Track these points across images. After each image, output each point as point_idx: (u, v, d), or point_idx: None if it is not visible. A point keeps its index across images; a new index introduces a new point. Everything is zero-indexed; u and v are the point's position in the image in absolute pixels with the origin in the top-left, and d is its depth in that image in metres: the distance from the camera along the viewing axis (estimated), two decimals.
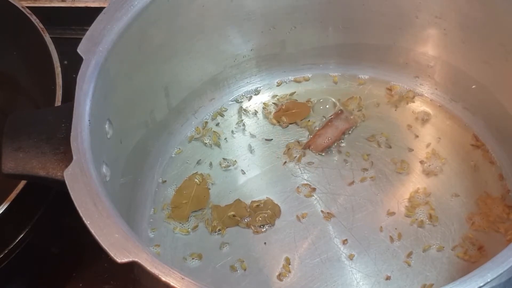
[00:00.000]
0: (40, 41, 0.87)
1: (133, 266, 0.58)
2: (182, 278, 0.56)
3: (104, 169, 0.71)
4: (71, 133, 0.66)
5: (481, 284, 0.55)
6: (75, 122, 0.67)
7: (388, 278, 0.77)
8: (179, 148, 0.90)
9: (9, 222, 0.76)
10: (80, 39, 0.72)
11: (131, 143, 0.82)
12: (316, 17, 0.89)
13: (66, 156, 0.67)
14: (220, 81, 0.93)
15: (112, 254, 0.58)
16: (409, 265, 0.78)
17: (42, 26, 0.88)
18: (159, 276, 0.56)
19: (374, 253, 0.79)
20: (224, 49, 0.90)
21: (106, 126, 0.74)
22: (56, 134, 0.70)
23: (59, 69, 0.85)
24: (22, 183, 0.76)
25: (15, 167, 0.69)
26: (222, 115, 0.93)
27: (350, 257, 0.79)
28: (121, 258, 0.58)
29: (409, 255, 0.79)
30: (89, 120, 0.68)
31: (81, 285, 0.86)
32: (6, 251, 0.79)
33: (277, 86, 0.95)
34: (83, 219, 0.60)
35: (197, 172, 0.88)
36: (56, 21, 1.05)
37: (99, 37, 0.73)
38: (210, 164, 0.89)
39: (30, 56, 0.94)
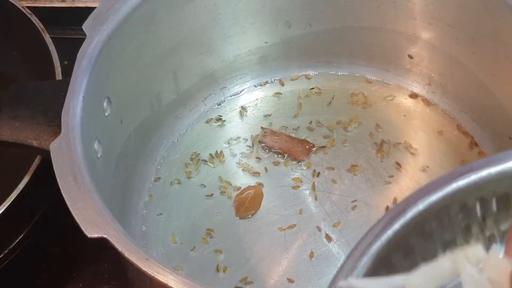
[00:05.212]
0: (40, 41, 0.87)
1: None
2: (147, 259, 0.57)
3: (96, 145, 0.72)
4: (63, 107, 0.68)
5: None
6: (69, 97, 0.68)
7: None
8: (184, 133, 0.91)
9: (9, 222, 0.75)
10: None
11: (132, 124, 0.82)
12: (329, 16, 0.89)
13: (59, 129, 0.68)
14: (232, 70, 0.93)
15: (83, 228, 0.59)
16: None
17: (42, 26, 0.88)
18: (124, 253, 0.57)
19: None
20: (237, 39, 0.90)
21: (104, 103, 0.75)
22: (54, 107, 0.71)
23: (59, 69, 0.84)
24: (22, 183, 0.76)
25: (10, 135, 0.71)
26: (230, 104, 0.93)
27: (338, 258, 0.79)
28: (91, 233, 0.59)
29: None
30: (83, 96, 0.69)
31: (81, 285, 0.85)
32: (6, 251, 0.79)
33: (292, 80, 0.95)
34: (62, 191, 0.62)
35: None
36: (56, 21, 1.04)
37: (106, 15, 0.74)
38: (216, 152, 0.89)
39: (30, 56, 0.93)
